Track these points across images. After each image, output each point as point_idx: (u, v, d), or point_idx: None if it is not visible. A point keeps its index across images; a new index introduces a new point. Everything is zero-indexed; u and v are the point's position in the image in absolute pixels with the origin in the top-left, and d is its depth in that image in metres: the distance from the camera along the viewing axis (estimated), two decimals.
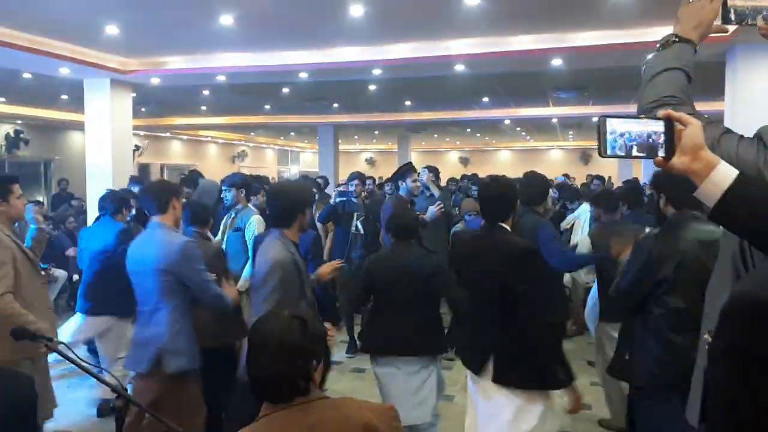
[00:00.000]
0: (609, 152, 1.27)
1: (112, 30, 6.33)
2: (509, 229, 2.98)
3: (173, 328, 3.11)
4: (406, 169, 5.66)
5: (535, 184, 4.23)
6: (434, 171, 7.05)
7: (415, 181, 5.56)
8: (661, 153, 1.26)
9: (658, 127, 1.27)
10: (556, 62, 7.24)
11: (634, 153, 1.28)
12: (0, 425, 1.98)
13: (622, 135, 1.27)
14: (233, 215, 4.77)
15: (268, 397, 1.57)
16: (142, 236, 3.34)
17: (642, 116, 1.34)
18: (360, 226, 5.97)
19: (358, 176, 6.38)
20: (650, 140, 1.26)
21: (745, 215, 0.98)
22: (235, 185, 4.79)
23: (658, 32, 6.17)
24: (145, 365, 3.11)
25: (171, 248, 3.11)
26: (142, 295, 3.22)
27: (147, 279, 3.14)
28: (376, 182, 10.00)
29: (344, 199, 5.99)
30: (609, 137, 1.27)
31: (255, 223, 4.61)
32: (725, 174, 1.18)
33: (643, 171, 15.48)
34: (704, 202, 1.21)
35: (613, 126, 1.27)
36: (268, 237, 3.03)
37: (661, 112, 1.30)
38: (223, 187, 4.92)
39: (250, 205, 4.92)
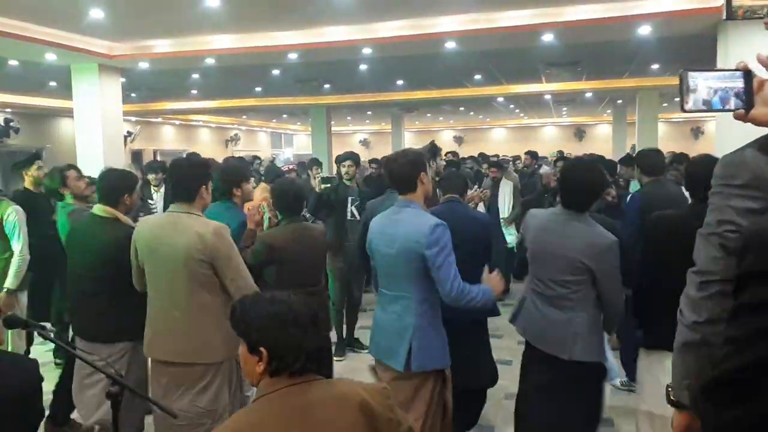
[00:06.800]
0: (692, 107, 1.27)
1: (97, 14, 6.24)
2: None
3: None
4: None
5: None
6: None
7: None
8: (740, 105, 1.25)
9: (737, 78, 1.25)
10: (547, 37, 7.18)
11: (715, 107, 1.26)
12: (5, 410, 1.99)
13: (702, 89, 1.26)
14: None
15: (314, 369, 1.58)
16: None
17: (721, 69, 1.32)
18: (356, 212, 5.36)
19: (351, 156, 5.63)
20: (729, 93, 1.25)
21: None
22: None
23: (649, 5, 6.13)
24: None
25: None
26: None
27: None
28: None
29: (328, 185, 5.21)
30: (690, 92, 1.26)
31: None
32: None
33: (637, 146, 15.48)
34: None
35: (694, 80, 1.26)
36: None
37: (739, 64, 1.28)
38: None
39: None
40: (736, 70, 1.26)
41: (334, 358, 5.28)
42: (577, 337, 2.72)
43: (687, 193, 3.00)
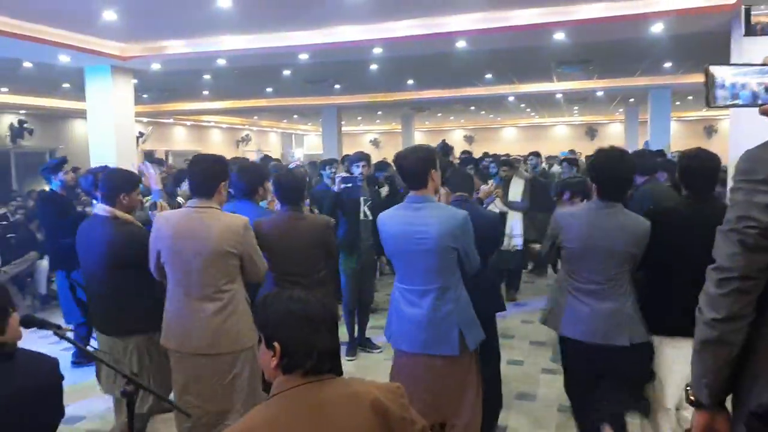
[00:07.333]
0: (718, 102, 1.27)
1: (110, 16, 6.29)
2: None
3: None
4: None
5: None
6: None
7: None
8: (765, 100, 1.25)
9: (765, 74, 1.24)
10: (559, 36, 7.15)
11: (740, 102, 1.27)
12: (24, 407, 2.01)
13: (729, 84, 1.25)
14: None
15: (327, 370, 1.59)
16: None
17: (747, 63, 1.31)
18: (368, 212, 5.36)
19: (365, 157, 5.63)
20: (755, 88, 1.25)
21: None
22: None
23: (662, 2, 6.09)
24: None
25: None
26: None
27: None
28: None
29: (350, 185, 5.19)
30: (716, 87, 1.25)
31: None
32: None
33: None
34: None
35: (720, 75, 1.25)
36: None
37: (766, 58, 1.27)
38: None
39: None
40: (763, 65, 1.25)
41: (346, 359, 5.31)
42: (633, 320, 2.83)
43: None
